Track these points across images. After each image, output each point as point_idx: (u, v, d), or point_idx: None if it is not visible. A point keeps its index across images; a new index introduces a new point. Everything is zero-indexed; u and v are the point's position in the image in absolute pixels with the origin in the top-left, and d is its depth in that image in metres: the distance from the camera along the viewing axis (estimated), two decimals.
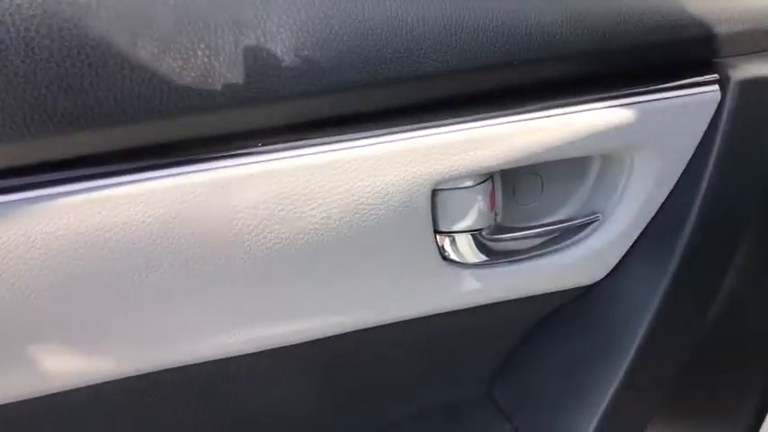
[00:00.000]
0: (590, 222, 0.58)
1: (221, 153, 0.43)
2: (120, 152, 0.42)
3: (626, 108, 0.51)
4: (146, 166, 0.42)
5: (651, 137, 0.53)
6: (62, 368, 0.45)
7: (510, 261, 0.57)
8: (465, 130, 0.47)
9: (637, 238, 0.59)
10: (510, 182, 0.58)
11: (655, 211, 0.58)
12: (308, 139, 0.45)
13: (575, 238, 0.58)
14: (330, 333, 0.53)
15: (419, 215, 0.49)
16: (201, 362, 0.50)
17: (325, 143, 0.45)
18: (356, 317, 0.53)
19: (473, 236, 0.54)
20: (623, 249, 0.60)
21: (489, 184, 0.53)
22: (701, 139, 0.54)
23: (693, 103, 0.52)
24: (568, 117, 0.50)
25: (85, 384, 0.47)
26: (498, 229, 0.56)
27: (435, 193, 0.50)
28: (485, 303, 0.58)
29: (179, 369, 0.50)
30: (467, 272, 0.55)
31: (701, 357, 0.66)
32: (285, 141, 0.44)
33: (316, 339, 0.53)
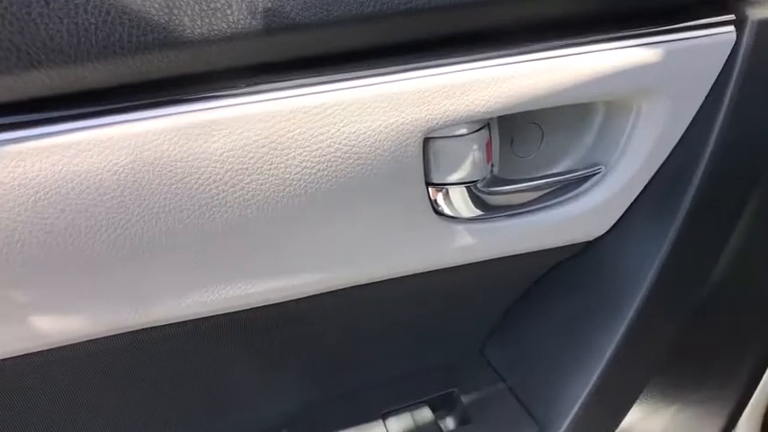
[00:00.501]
0: (592, 175, 0.55)
1: (192, 95, 0.40)
2: (80, 94, 0.38)
3: (633, 50, 0.47)
4: (110, 110, 0.39)
5: (660, 82, 0.49)
6: (25, 329, 0.42)
7: (506, 215, 0.54)
8: (459, 72, 0.44)
9: (641, 192, 0.56)
10: (507, 131, 0.55)
11: (660, 162, 0.55)
12: (285, 80, 0.41)
13: (575, 191, 0.55)
14: (313, 292, 0.50)
15: (409, 166, 0.46)
16: (179, 321, 0.47)
17: (305, 85, 0.41)
18: (342, 274, 0.50)
19: (467, 188, 0.51)
20: (626, 203, 0.57)
21: (485, 132, 0.49)
22: (712, 85, 0.51)
23: (706, 44, 0.49)
24: (571, 59, 0.46)
25: (56, 345, 0.45)
26: (494, 181, 0.53)
27: (427, 142, 0.47)
28: (480, 260, 0.55)
29: (155, 329, 0.47)
30: (460, 227, 0.52)
31: (701, 316, 0.64)
32: (260, 83, 0.41)
33: (300, 298, 0.50)
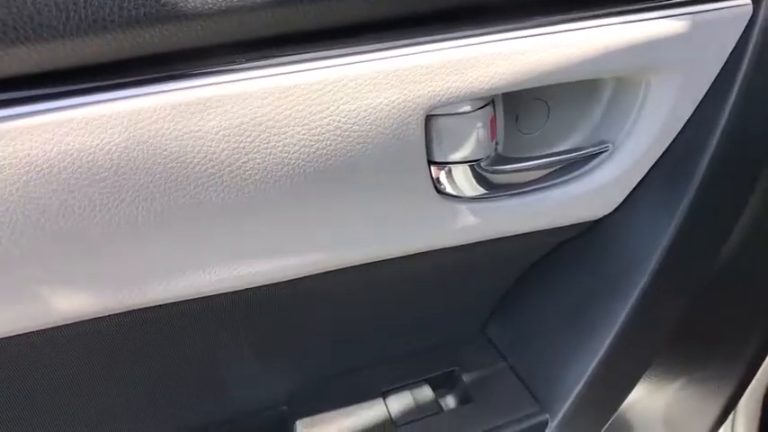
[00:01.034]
0: (599, 153, 0.53)
1: (186, 72, 0.39)
2: (70, 71, 0.37)
3: (644, 24, 0.45)
4: (102, 87, 0.38)
5: (671, 57, 0.48)
6: (18, 309, 0.42)
7: (510, 195, 0.53)
8: (462, 47, 0.42)
9: (649, 171, 0.55)
10: (512, 108, 0.54)
11: (670, 141, 0.53)
12: (283, 56, 0.40)
13: (582, 170, 0.54)
14: (313, 271, 0.49)
15: (411, 144, 0.44)
16: (176, 301, 0.46)
17: (304, 61, 0.40)
18: (342, 254, 0.49)
19: (471, 167, 0.50)
20: (633, 182, 0.56)
21: (489, 109, 0.48)
22: (726, 61, 0.49)
23: (721, 18, 0.47)
24: (579, 34, 0.44)
25: (50, 325, 0.44)
26: (498, 159, 0.52)
27: (429, 120, 0.45)
28: (483, 240, 0.54)
29: (152, 309, 0.47)
30: (463, 206, 0.51)
31: (706, 297, 0.63)
32: (257, 59, 0.39)
33: (300, 277, 0.50)
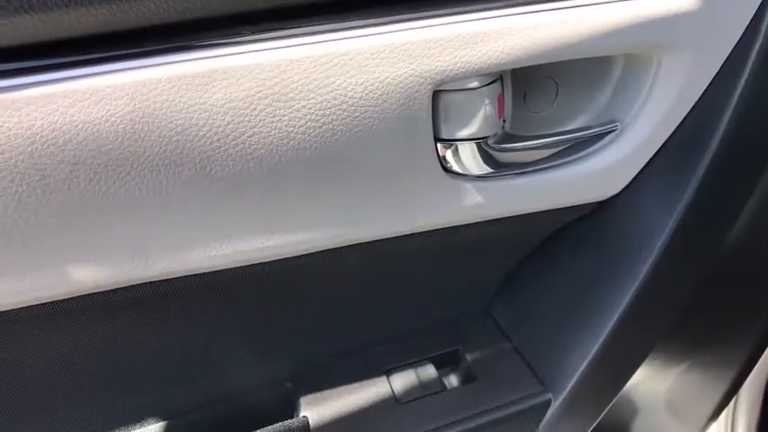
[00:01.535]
0: (607, 132, 0.53)
1: (192, 43, 0.38)
2: (75, 41, 0.37)
3: (657, 0, 0.44)
4: (107, 58, 0.38)
5: (683, 34, 0.47)
6: (25, 281, 0.42)
7: (517, 173, 0.52)
8: (471, 21, 0.42)
9: (657, 151, 0.54)
10: (521, 86, 0.53)
11: (679, 120, 0.53)
12: (289, 28, 0.39)
13: (589, 149, 0.53)
14: (316, 248, 0.49)
15: (418, 120, 0.44)
16: (182, 275, 0.46)
17: (311, 33, 0.39)
18: (346, 231, 0.49)
19: (477, 145, 0.49)
20: (641, 163, 0.55)
21: (497, 86, 0.47)
22: (740, 37, 0.48)
23: None
24: (590, 9, 0.44)
25: (58, 297, 0.44)
26: (506, 138, 0.51)
27: (436, 96, 0.45)
28: (488, 219, 0.54)
29: (159, 283, 0.47)
30: (469, 185, 0.50)
31: (711, 280, 0.63)
32: (264, 31, 0.39)
33: (304, 254, 0.50)
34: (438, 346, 0.69)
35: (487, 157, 0.50)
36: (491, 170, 0.51)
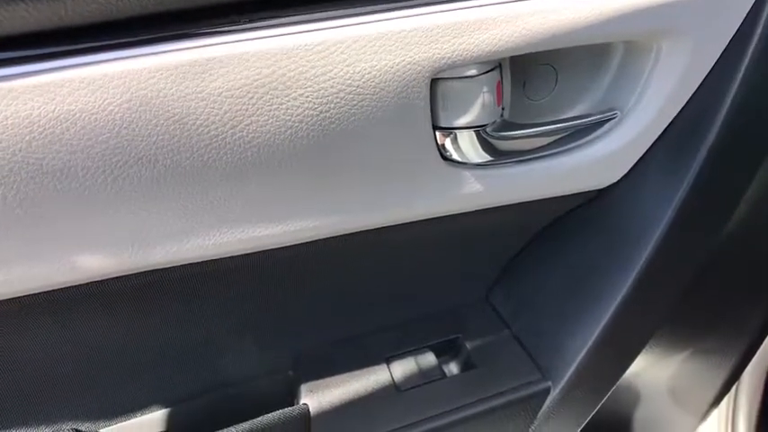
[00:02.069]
0: (607, 120, 0.53)
1: (190, 31, 0.38)
2: (73, 29, 0.36)
3: None
4: (103, 46, 0.37)
5: (683, 21, 0.46)
6: (24, 270, 0.42)
7: (516, 162, 0.52)
8: (469, 8, 0.42)
9: (657, 139, 0.54)
10: (520, 74, 0.53)
11: (679, 108, 0.52)
12: (286, 17, 0.39)
13: (589, 137, 0.53)
14: (316, 237, 0.49)
15: (416, 108, 0.44)
16: (182, 264, 0.47)
17: (307, 21, 0.39)
18: (345, 220, 0.49)
19: (476, 133, 0.49)
20: (641, 151, 0.55)
21: (496, 74, 0.47)
22: (740, 25, 0.48)
23: None
24: None
25: (56, 286, 0.44)
26: (505, 125, 0.51)
27: (435, 83, 0.45)
28: (487, 207, 0.54)
29: (158, 272, 0.47)
30: (468, 173, 0.50)
31: (711, 268, 0.63)
32: (261, 19, 0.39)
33: (304, 243, 0.50)
34: (438, 334, 0.69)
35: (486, 145, 0.50)
36: (490, 158, 0.51)
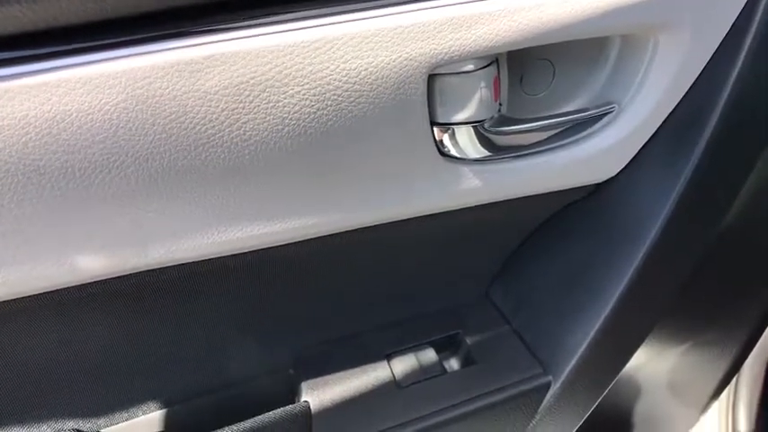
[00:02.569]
0: (604, 114, 0.53)
1: (185, 30, 0.38)
2: (67, 29, 0.36)
3: None
4: (99, 46, 0.37)
5: (680, 13, 0.46)
6: (22, 271, 0.42)
7: (514, 157, 0.52)
8: (465, 3, 0.41)
9: (654, 132, 0.54)
10: (517, 69, 0.52)
11: (677, 101, 0.52)
12: (282, 14, 0.39)
13: (587, 131, 0.53)
14: (315, 235, 0.49)
15: (413, 104, 0.44)
16: (179, 263, 0.46)
17: (303, 18, 0.39)
18: (344, 217, 0.49)
19: (474, 128, 0.49)
20: (639, 144, 0.55)
21: (493, 69, 0.47)
22: (737, 17, 0.48)
23: None
24: None
25: (54, 288, 0.44)
26: (502, 121, 0.51)
27: (432, 79, 0.45)
28: (486, 202, 0.54)
29: (157, 271, 0.47)
30: (467, 168, 0.50)
31: (711, 260, 0.63)
32: (257, 17, 0.39)
33: (303, 240, 0.50)
34: (438, 331, 0.69)
35: (484, 141, 0.50)
36: (488, 154, 0.51)
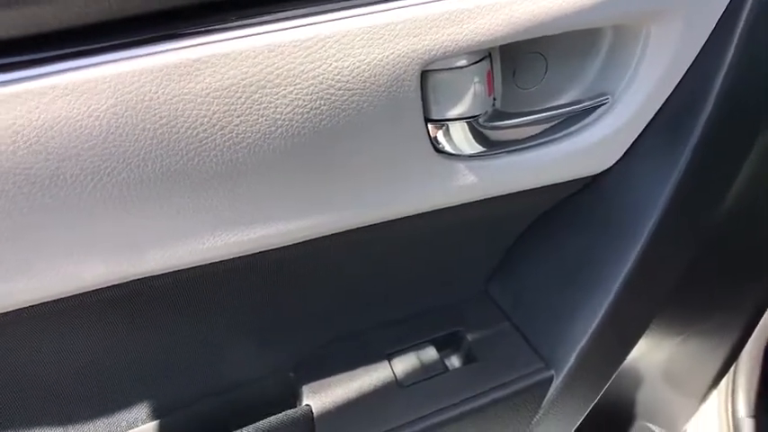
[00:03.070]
0: (598, 105, 0.52)
1: (173, 32, 0.38)
2: (55, 34, 0.36)
3: None
4: (86, 51, 0.37)
5: (671, 2, 0.46)
6: (14, 282, 0.41)
7: (509, 151, 0.52)
8: None
9: (649, 122, 0.54)
10: (510, 63, 0.52)
11: (670, 90, 0.52)
12: (273, 13, 0.38)
13: (581, 123, 0.53)
14: (311, 236, 0.49)
15: (407, 101, 0.43)
16: (175, 270, 0.46)
17: (293, 17, 0.39)
18: (339, 217, 0.48)
19: (468, 124, 0.49)
20: (634, 135, 0.55)
21: (486, 64, 0.47)
22: (728, 4, 0.48)
23: None
24: None
25: (49, 298, 0.44)
26: (496, 115, 0.51)
27: (425, 76, 0.44)
28: (482, 198, 0.53)
29: (149, 279, 0.46)
30: (462, 164, 0.50)
31: (708, 251, 0.63)
32: (247, 17, 0.38)
33: (300, 242, 0.49)
34: (438, 329, 0.69)
35: (479, 136, 0.50)
36: (483, 149, 0.50)
